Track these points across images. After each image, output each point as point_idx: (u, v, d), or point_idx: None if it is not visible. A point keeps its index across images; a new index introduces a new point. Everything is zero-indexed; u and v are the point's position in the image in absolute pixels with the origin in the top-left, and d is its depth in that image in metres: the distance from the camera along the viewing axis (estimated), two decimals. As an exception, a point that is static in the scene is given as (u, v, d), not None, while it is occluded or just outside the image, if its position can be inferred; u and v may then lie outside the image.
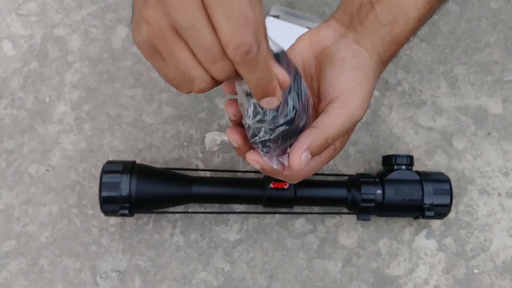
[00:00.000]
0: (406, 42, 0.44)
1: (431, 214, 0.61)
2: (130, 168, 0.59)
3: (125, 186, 0.58)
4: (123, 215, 0.59)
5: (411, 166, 0.63)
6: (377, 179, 0.62)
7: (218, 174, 0.67)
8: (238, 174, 0.67)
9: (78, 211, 0.66)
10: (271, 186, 0.60)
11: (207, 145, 0.69)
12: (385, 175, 0.62)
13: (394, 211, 0.63)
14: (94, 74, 0.71)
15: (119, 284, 0.64)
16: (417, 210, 0.62)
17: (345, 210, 0.64)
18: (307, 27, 0.70)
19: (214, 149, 0.69)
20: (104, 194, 0.58)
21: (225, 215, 0.66)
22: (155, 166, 0.63)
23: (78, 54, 0.72)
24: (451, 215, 0.67)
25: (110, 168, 0.60)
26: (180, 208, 0.66)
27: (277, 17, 0.70)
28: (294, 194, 0.61)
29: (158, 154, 0.68)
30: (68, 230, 0.65)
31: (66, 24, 0.73)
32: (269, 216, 0.66)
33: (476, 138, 0.70)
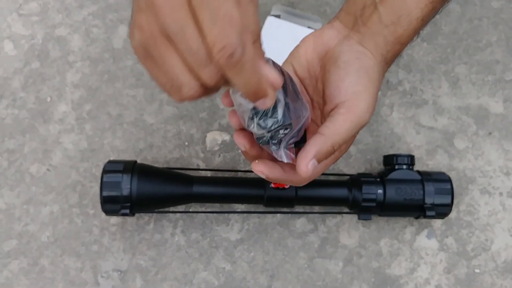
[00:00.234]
0: (409, 42, 0.44)
1: (432, 213, 0.61)
2: (131, 167, 0.60)
3: (126, 185, 0.58)
4: (124, 215, 0.59)
5: (412, 165, 0.63)
6: (378, 179, 0.62)
7: (219, 174, 0.67)
8: (239, 174, 0.67)
9: (79, 211, 0.66)
10: (272, 185, 0.60)
11: (208, 144, 0.69)
12: (386, 175, 0.62)
13: (395, 211, 0.63)
14: (95, 74, 0.71)
15: (120, 283, 0.64)
16: (418, 210, 0.61)
17: (346, 210, 0.64)
18: (308, 27, 0.70)
19: (215, 148, 0.69)
20: (105, 193, 0.58)
21: (226, 215, 0.66)
22: (156, 165, 0.63)
23: (79, 54, 0.72)
24: (452, 215, 0.67)
25: (111, 167, 0.60)
26: (181, 207, 0.66)
27: (278, 16, 0.70)
28: (295, 193, 0.61)
29: (159, 154, 0.68)
30: (69, 229, 0.65)
31: (67, 24, 0.73)
32: (270, 215, 0.66)
33: (477, 138, 0.70)
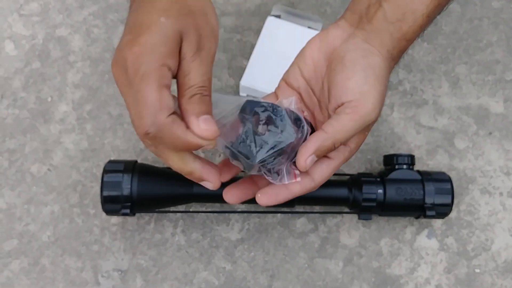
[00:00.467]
0: (415, 38, 0.44)
1: (433, 213, 0.61)
2: (132, 167, 0.60)
3: (126, 185, 0.58)
4: (125, 215, 0.59)
5: (412, 165, 0.63)
6: (378, 179, 0.62)
7: (220, 174, 0.67)
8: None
9: (80, 211, 0.66)
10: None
11: (209, 144, 0.69)
12: (386, 175, 0.62)
13: (395, 211, 0.63)
14: (95, 74, 0.72)
15: (121, 283, 0.64)
16: (418, 210, 0.61)
17: (346, 210, 0.64)
18: (309, 27, 0.70)
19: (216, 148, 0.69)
20: (105, 193, 0.58)
21: (226, 215, 0.66)
22: (157, 165, 0.63)
23: (80, 54, 0.72)
24: (453, 215, 0.67)
25: (112, 167, 0.60)
26: (181, 207, 0.66)
27: (278, 17, 0.71)
28: (295, 193, 0.61)
29: (160, 154, 0.68)
30: (69, 229, 0.65)
31: (68, 24, 0.74)
32: (270, 215, 0.66)
33: (477, 138, 0.70)
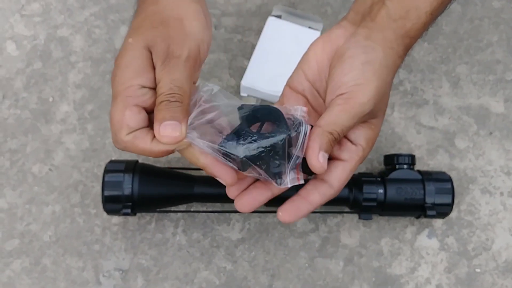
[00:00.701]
0: (419, 36, 0.44)
1: (433, 213, 0.61)
2: (133, 167, 0.60)
3: (127, 185, 0.59)
4: (126, 214, 0.59)
5: (413, 165, 0.63)
6: (378, 179, 0.62)
7: (220, 174, 0.67)
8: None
9: (81, 211, 0.66)
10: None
11: (209, 144, 0.69)
12: (386, 175, 0.62)
13: (396, 210, 0.63)
14: (97, 74, 0.72)
15: (122, 283, 0.64)
16: (419, 209, 0.62)
17: (347, 210, 0.64)
18: (309, 27, 0.70)
19: (216, 148, 0.69)
20: (106, 193, 0.59)
21: (227, 214, 0.66)
22: (158, 165, 0.63)
23: (81, 54, 0.73)
24: (453, 215, 0.67)
25: (113, 167, 0.60)
26: (182, 207, 0.66)
27: (279, 17, 0.71)
28: (296, 193, 0.61)
29: (161, 154, 0.68)
30: (71, 229, 0.66)
31: (69, 24, 0.74)
32: (271, 215, 0.67)
33: (478, 138, 0.70)
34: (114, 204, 0.59)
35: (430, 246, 0.66)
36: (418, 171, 0.63)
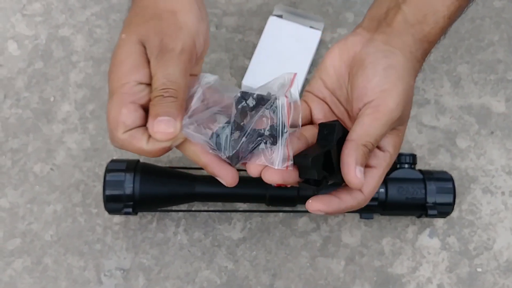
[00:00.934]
0: (437, 40, 0.44)
1: (434, 212, 0.61)
2: (134, 167, 0.60)
3: (128, 184, 0.59)
4: (127, 214, 0.59)
5: (414, 165, 0.63)
6: (380, 178, 0.62)
7: (222, 173, 0.67)
8: (241, 173, 0.67)
9: (83, 210, 0.66)
10: (274, 184, 0.60)
11: (211, 144, 0.69)
12: (388, 174, 0.62)
13: (397, 210, 0.63)
14: (98, 74, 0.72)
15: (123, 282, 0.64)
16: (420, 209, 0.62)
17: (348, 209, 0.64)
18: (310, 27, 0.70)
19: (218, 148, 0.69)
20: (108, 192, 0.59)
21: (228, 214, 0.66)
22: (159, 165, 0.64)
23: (83, 54, 0.73)
24: (455, 214, 0.67)
25: (114, 167, 0.60)
26: (183, 206, 0.66)
27: (280, 16, 0.71)
28: (297, 192, 0.61)
29: (162, 153, 0.68)
30: (72, 228, 0.66)
31: (70, 24, 0.74)
32: (272, 214, 0.67)
33: (479, 137, 0.70)
34: (115, 203, 0.59)
35: (431, 245, 0.66)
36: (420, 171, 0.63)
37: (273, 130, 0.39)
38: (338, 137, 0.40)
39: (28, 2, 0.75)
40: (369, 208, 0.61)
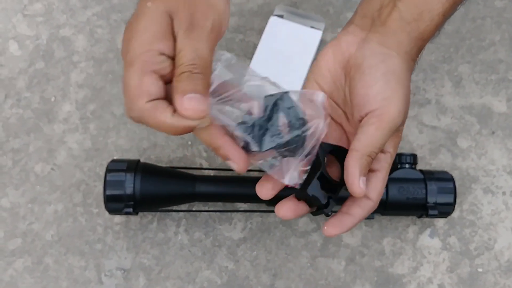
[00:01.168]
0: (431, 38, 0.44)
1: (435, 212, 0.61)
2: (135, 167, 0.60)
3: (129, 184, 0.59)
4: (128, 214, 0.60)
5: (415, 165, 0.63)
6: (380, 178, 0.62)
7: (222, 173, 0.67)
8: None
9: (83, 210, 0.66)
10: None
11: (211, 144, 0.69)
12: (388, 174, 0.62)
13: (397, 210, 0.63)
14: (99, 74, 0.72)
15: (124, 282, 0.64)
16: (420, 209, 0.61)
17: (348, 209, 0.64)
18: (311, 27, 0.70)
19: (218, 148, 0.69)
20: (108, 192, 0.59)
21: (229, 214, 0.66)
22: (159, 165, 0.64)
23: (84, 54, 0.73)
24: (455, 214, 0.67)
25: (115, 167, 0.60)
26: (184, 206, 0.66)
27: (281, 16, 0.71)
28: (298, 192, 0.61)
29: (162, 153, 0.69)
30: (73, 228, 0.66)
31: (71, 24, 0.74)
32: (272, 214, 0.67)
33: (480, 137, 0.70)
34: (116, 203, 0.59)
35: (432, 245, 0.66)
36: (420, 171, 0.62)
37: (295, 142, 0.39)
38: (325, 155, 0.41)
39: (29, 3, 0.75)
40: (369, 208, 0.62)
